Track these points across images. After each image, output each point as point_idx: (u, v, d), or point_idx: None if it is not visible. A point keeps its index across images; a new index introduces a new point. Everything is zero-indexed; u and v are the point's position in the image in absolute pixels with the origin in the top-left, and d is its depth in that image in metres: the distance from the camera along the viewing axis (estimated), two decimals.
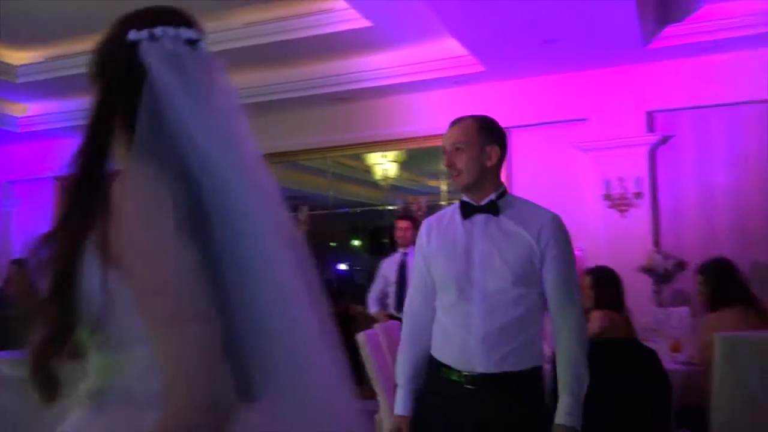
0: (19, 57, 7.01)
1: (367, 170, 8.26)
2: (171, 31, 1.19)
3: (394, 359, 3.14)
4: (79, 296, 1.05)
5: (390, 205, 8.14)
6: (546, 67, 6.43)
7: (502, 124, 6.89)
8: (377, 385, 4.31)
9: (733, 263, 3.98)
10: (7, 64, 6.99)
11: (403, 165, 8.15)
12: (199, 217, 1.06)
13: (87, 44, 5.42)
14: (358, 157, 8.16)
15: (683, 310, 5.06)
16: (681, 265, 5.46)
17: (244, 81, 7.06)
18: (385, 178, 8.31)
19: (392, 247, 6.65)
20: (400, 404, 2.35)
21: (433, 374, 2.28)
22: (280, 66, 6.88)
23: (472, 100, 6.79)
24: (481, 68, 6.43)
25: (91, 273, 1.04)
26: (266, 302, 1.09)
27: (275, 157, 7.62)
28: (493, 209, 2.24)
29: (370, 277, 9.27)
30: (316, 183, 8.34)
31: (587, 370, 2.17)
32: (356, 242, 9.24)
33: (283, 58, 6.67)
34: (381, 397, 4.31)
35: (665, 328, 4.51)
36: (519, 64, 6.36)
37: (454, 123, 2.35)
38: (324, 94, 7.05)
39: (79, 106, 7.65)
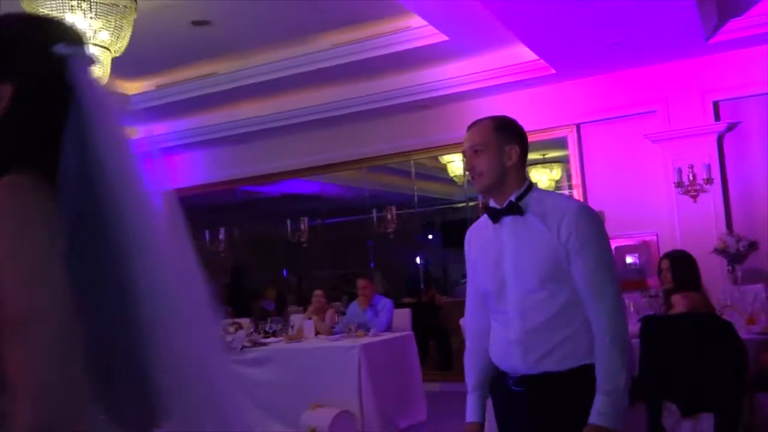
0: (131, 87, 7.65)
1: (444, 168, 8.63)
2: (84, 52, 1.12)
3: None
4: None
5: (465, 201, 8.49)
6: (613, 64, 6.65)
7: (574, 121, 7.25)
8: None
9: None
10: (123, 95, 7.64)
11: None
12: (98, 241, 1.01)
13: (190, 73, 6.07)
14: (435, 158, 8.51)
15: (758, 287, 5.28)
16: (753, 245, 5.66)
17: (333, 96, 7.59)
18: (458, 176, 8.70)
19: None
20: (469, 411, 2.30)
21: (495, 377, 2.26)
22: (364, 80, 7.27)
23: (544, 100, 7.14)
24: (551, 71, 6.70)
25: None
26: (164, 325, 1.04)
27: (364, 161, 8.11)
28: (515, 210, 2.14)
29: (444, 269, 9.72)
30: (400, 183, 8.74)
31: (622, 367, 1.99)
32: (430, 237, 9.64)
33: (367, 73, 7.08)
34: None
35: (740, 304, 4.77)
36: (587, 64, 6.59)
37: (471, 126, 2.25)
38: (406, 102, 7.41)
39: (182, 126, 8.33)
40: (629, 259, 6.77)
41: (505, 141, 2.18)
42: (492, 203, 2.22)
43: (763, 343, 3.77)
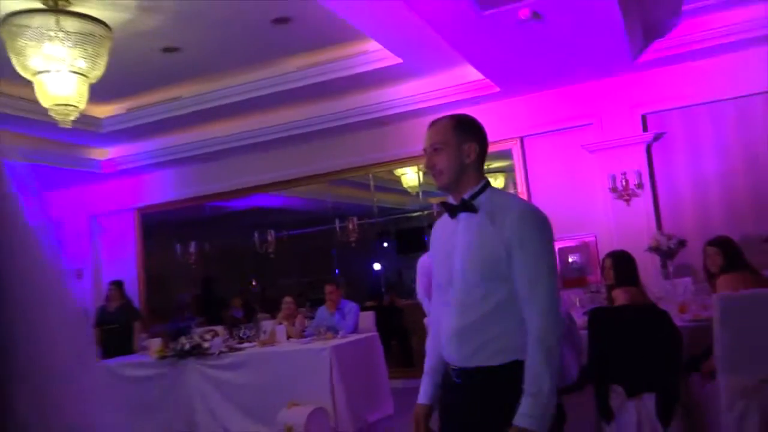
0: (103, 111, 7.56)
1: (398, 180, 8.75)
2: None
3: None
4: None
5: (420, 210, 8.62)
6: (552, 82, 6.88)
7: (518, 134, 7.44)
8: None
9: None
10: (95, 117, 7.56)
11: (426, 173, 8.66)
12: None
13: (159, 96, 6.11)
14: (391, 171, 8.61)
15: (687, 280, 5.53)
16: (682, 243, 5.91)
17: (297, 114, 7.63)
18: (412, 187, 8.84)
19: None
20: (421, 392, 2.24)
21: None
22: (325, 100, 7.34)
23: (489, 116, 7.25)
24: (496, 89, 6.89)
25: None
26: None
27: (326, 176, 8.17)
28: (468, 207, 2.07)
29: (399, 274, 9.83)
30: (360, 195, 8.82)
31: (547, 370, 1.88)
32: (386, 244, 9.75)
33: (328, 93, 7.15)
34: None
35: (672, 295, 5.01)
36: (528, 82, 6.80)
37: (431, 124, 2.16)
38: (364, 120, 7.51)
39: (152, 147, 8.26)
40: (571, 259, 6.99)
41: (463, 139, 2.09)
42: (450, 199, 2.14)
43: (694, 329, 3.97)
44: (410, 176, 8.75)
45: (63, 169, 8.41)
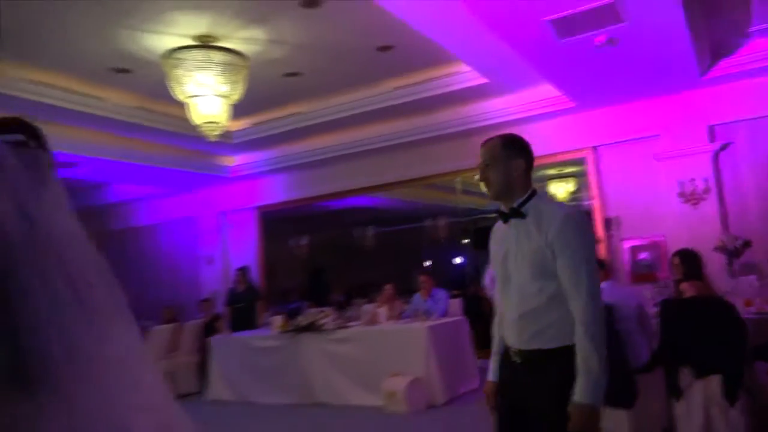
0: (233, 125, 8.07)
1: (478, 184, 8.87)
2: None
3: None
4: None
5: (493, 211, 8.70)
6: (624, 97, 6.81)
7: (592, 143, 7.42)
8: None
9: None
10: (227, 131, 8.06)
11: None
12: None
13: (280, 113, 6.51)
14: (472, 176, 8.74)
15: (752, 278, 5.44)
16: (747, 244, 5.79)
17: (394, 128, 7.91)
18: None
19: None
20: (490, 371, 2.35)
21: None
22: (419, 115, 7.59)
23: (565, 127, 7.36)
24: (572, 104, 6.94)
25: None
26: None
27: (418, 180, 8.41)
28: (517, 214, 2.15)
29: (476, 266, 9.97)
30: (446, 197, 9.03)
31: (594, 351, 1.96)
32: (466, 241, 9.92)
33: (421, 109, 7.40)
34: None
35: (738, 291, 4.96)
36: (602, 97, 6.79)
37: (483, 144, 2.25)
38: (452, 132, 7.68)
39: (272, 155, 8.73)
40: (641, 256, 6.95)
41: (511, 156, 2.18)
42: (503, 207, 2.22)
43: (758, 321, 3.96)
44: None
45: (199, 174, 9.02)
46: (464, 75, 6.60)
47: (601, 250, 7.03)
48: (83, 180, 9.62)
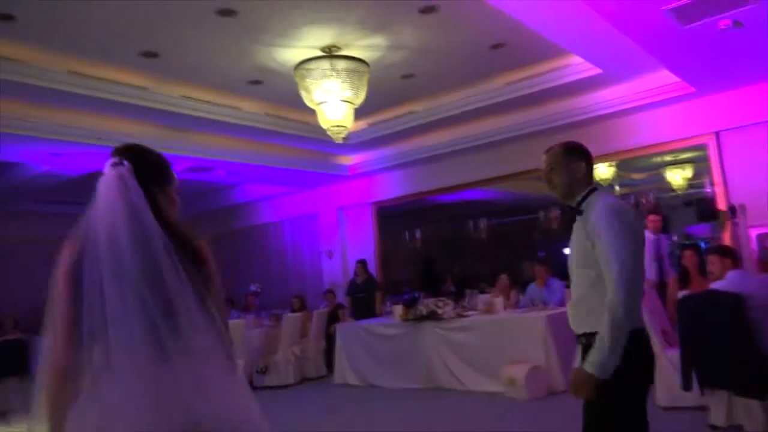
0: (352, 126, 8.43)
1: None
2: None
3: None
4: None
5: None
6: (747, 79, 6.48)
7: (713, 129, 7.10)
8: (650, 327, 4.92)
9: None
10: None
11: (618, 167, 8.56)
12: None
13: (394, 113, 6.77)
14: None
15: None
16: None
17: (504, 122, 7.96)
18: (604, 180, 8.74)
19: None
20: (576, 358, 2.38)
21: None
22: (530, 108, 7.60)
23: (685, 114, 7.09)
24: (691, 89, 6.67)
25: None
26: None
27: (530, 173, 8.40)
28: (578, 212, 2.32)
29: None
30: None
31: (609, 332, 2.06)
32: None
33: (533, 103, 7.40)
34: (653, 336, 4.93)
35: None
36: (723, 81, 6.49)
37: (546, 152, 2.48)
38: (564, 124, 7.57)
39: (387, 153, 9.04)
40: None
41: (572, 160, 2.39)
42: (567, 204, 2.44)
43: None
44: (602, 170, 8.68)
45: (320, 173, 9.53)
46: (575, 67, 6.52)
47: (726, 239, 6.73)
48: (217, 183, 10.46)
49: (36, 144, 6.71)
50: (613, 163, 8.33)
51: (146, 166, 1.69)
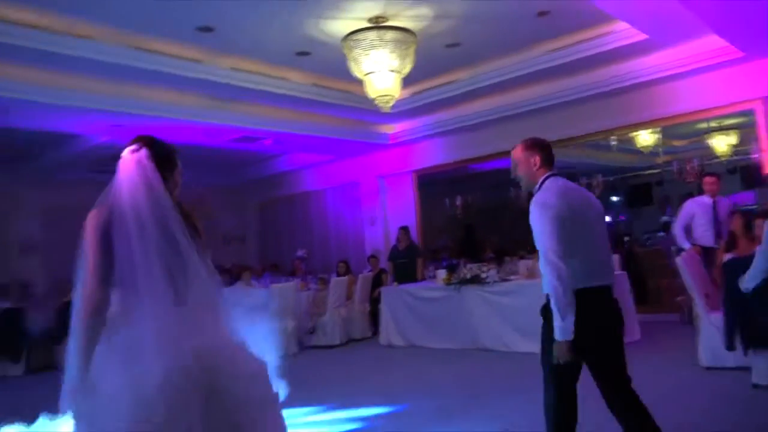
0: None
1: (630, 141, 8.68)
2: None
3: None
4: None
5: (648, 168, 8.46)
6: None
7: (762, 94, 6.95)
8: (693, 291, 5.01)
9: None
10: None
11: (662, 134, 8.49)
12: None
13: (436, 82, 6.82)
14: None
15: None
16: None
17: (546, 90, 7.96)
18: (645, 146, 8.69)
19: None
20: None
21: None
22: (572, 75, 7.56)
23: (732, 79, 6.98)
24: (740, 54, 6.56)
25: None
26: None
27: (572, 140, 8.40)
28: (531, 198, 2.71)
29: (630, 225, 9.74)
30: (594, 155, 8.89)
31: (555, 306, 2.52)
32: (613, 198, 9.75)
33: (575, 70, 7.39)
34: (697, 299, 5.02)
35: None
36: None
37: (513, 149, 2.83)
38: (607, 91, 7.55)
39: (428, 122, 9.11)
40: None
41: (530, 155, 2.75)
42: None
43: None
44: (644, 137, 8.63)
45: (361, 141, 9.69)
46: (620, 33, 6.48)
47: None
48: (262, 152, 10.72)
49: (97, 116, 7.02)
50: (657, 130, 8.28)
51: (158, 154, 2.12)
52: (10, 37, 5.13)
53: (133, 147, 2.10)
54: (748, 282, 4.06)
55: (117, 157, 2.16)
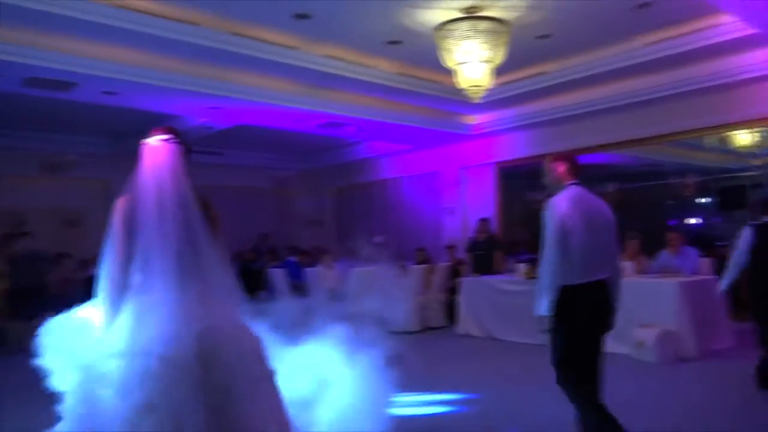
0: None
1: (724, 141, 8.23)
2: None
3: None
4: None
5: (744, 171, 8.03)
6: None
7: None
8: None
9: None
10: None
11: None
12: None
13: (523, 74, 6.65)
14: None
15: None
16: None
17: (640, 84, 7.66)
18: (743, 147, 8.20)
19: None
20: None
21: None
22: (670, 70, 7.26)
23: None
24: None
25: None
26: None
27: (665, 137, 8.06)
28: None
29: (723, 228, 9.22)
30: (684, 154, 8.51)
31: (540, 286, 3.09)
32: (703, 200, 9.25)
33: (674, 64, 7.08)
34: None
35: None
36: None
37: (545, 160, 3.37)
38: (707, 87, 7.21)
39: (511, 114, 8.99)
40: None
41: (556, 166, 3.30)
42: None
43: None
44: (742, 137, 8.16)
45: (443, 131, 9.66)
46: (725, 27, 6.18)
47: None
48: (343, 138, 10.89)
49: (196, 98, 7.34)
50: (759, 130, 7.82)
51: (186, 148, 2.39)
52: (122, 22, 5.43)
53: (163, 137, 2.34)
54: None
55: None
